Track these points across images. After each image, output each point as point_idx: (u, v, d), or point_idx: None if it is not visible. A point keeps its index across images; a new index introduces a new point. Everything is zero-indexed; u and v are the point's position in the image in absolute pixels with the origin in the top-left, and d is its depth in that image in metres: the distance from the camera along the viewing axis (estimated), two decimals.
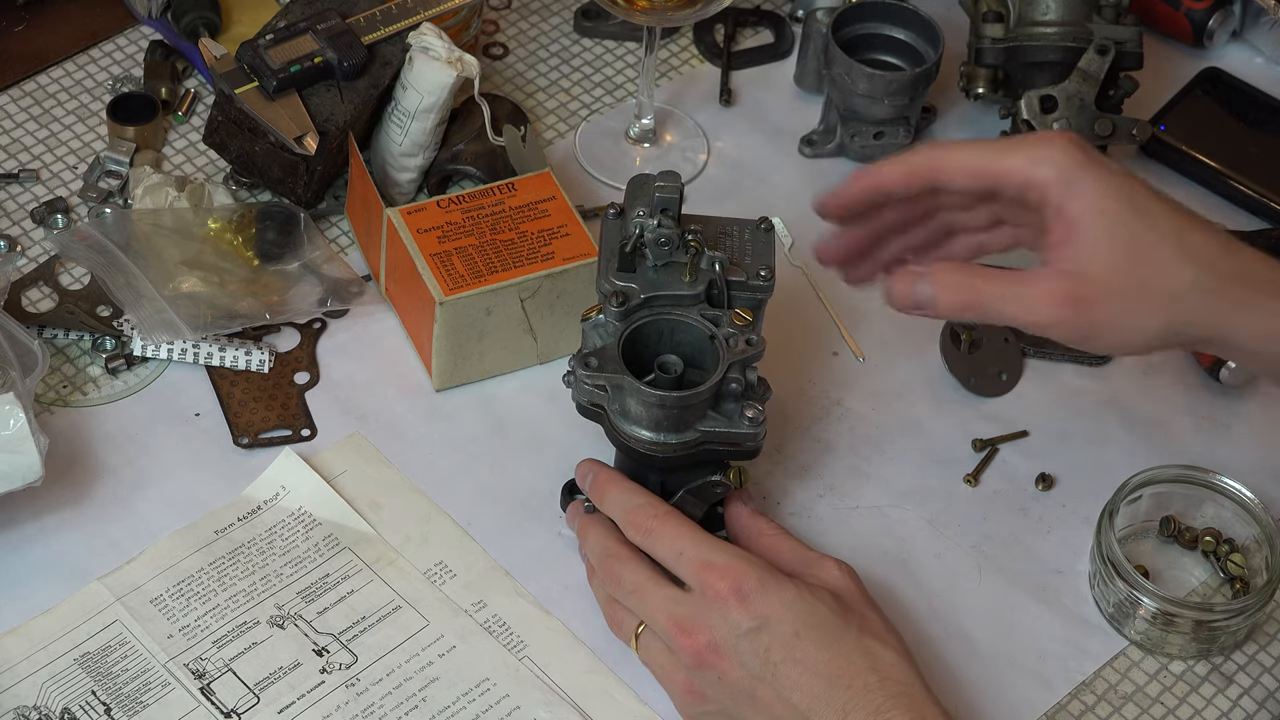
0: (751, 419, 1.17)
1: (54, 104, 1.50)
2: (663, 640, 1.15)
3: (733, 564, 1.12)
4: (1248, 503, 1.27)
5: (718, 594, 1.12)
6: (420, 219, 1.33)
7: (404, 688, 1.19)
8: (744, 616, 1.11)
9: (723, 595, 1.12)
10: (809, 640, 1.11)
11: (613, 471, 1.21)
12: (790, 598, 1.12)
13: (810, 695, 1.10)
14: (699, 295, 1.20)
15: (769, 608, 1.11)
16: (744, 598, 1.11)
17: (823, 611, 1.12)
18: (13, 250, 1.40)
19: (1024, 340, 1.40)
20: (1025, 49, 1.47)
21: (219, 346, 1.33)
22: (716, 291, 1.20)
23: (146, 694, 1.18)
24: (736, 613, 1.11)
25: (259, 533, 1.26)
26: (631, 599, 1.16)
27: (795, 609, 1.11)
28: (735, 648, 1.11)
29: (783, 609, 1.11)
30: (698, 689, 1.14)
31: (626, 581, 1.16)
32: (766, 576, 1.12)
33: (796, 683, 1.10)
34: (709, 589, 1.12)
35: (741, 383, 1.17)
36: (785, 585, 1.12)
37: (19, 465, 1.20)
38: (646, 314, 1.20)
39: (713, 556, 1.13)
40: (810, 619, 1.11)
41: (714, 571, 1.12)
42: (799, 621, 1.11)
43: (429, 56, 1.37)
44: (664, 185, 1.19)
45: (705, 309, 1.20)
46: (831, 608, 1.12)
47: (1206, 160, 1.52)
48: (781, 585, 1.12)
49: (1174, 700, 1.24)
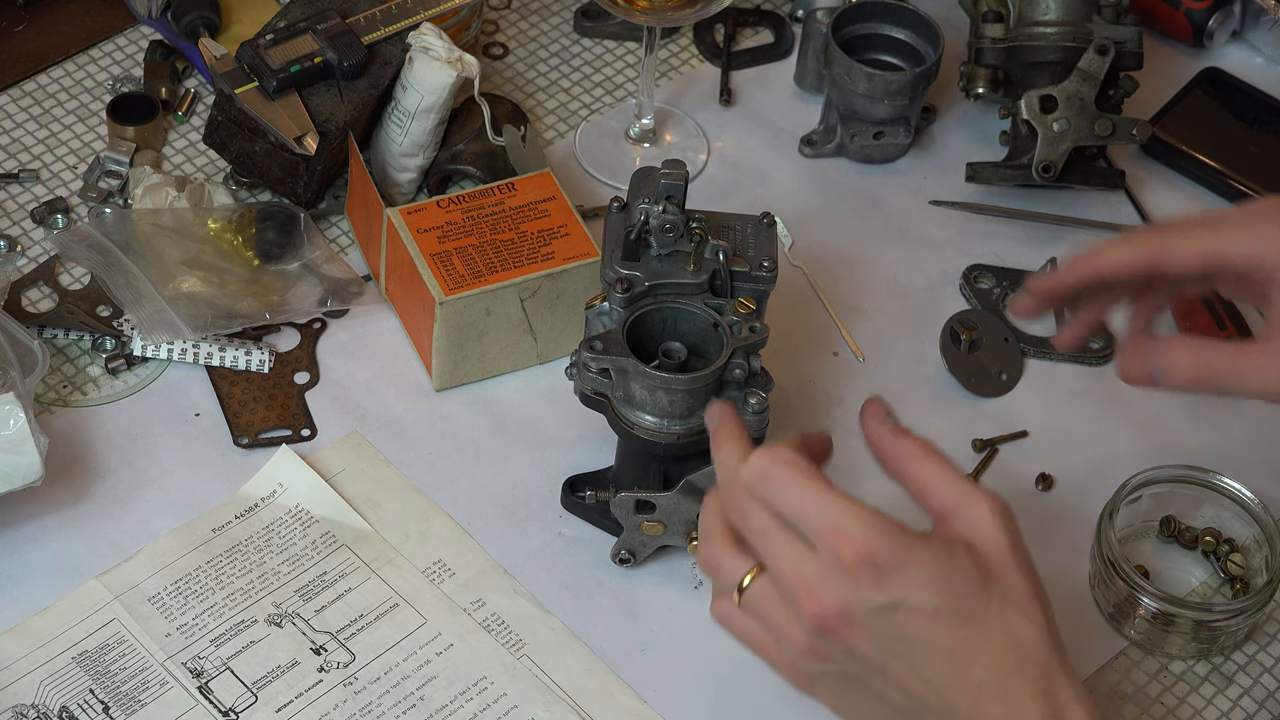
0: (755, 407, 1.17)
1: (54, 104, 1.50)
2: (782, 594, 1.05)
3: (867, 534, 1.02)
4: (1248, 503, 1.27)
5: (849, 565, 1.02)
6: (420, 219, 1.33)
7: (402, 686, 1.19)
8: (878, 593, 1.02)
9: (854, 568, 1.02)
10: (947, 618, 1.03)
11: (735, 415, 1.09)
12: (929, 573, 1.03)
13: (945, 674, 1.03)
14: (703, 284, 1.20)
15: (905, 584, 1.02)
16: (879, 572, 1.02)
17: (963, 585, 1.03)
18: (13, 250, 1.40)
19: (1024, 340, 1.40)
20: (1025, 49, 1.47)
21: (219, 346, 1.33)
22: (720, 281, 1.20)
23: (145, 692, 1.18)
24: (870, 588, 1.02)
25: (256, 530, 1.26)
26: (758, 539, 1.05)
27: (935, 584, 1.03)
28: (868, 622, 1.03)
29: (920, 585, 1.02)
30: (820, 651, 1.05)
31: (754, 520, 1.05)
32: (901, 546, 1.03)
33: (931, 661, 1.03)
34: (840, 558, 1.02)
35: (745, 369, 1.18)
36: (923, 557, 1.03)
37: (19, 465, 1.20)
38: (651, 302, 1.20)
39: (843, 522, 1.02)
40: (950, 593, 1.03)
41: (844, 540, 1.02)
42: (938, 598, 1.03)
43: (429, 56, 1.37)
44: (669, 173, 1.19)
45: (709, 298, 1.20)
46: (973, 578, 1.04)
47: (1206, 160, 1.52)
48: (919, 558, 1.03)
49: (1174, 700, 1.24)
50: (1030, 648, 1.04)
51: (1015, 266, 1.45)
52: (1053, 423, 1.37)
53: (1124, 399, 1.38)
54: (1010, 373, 1.38)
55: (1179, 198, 1.52)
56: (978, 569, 1.03)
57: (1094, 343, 1.40)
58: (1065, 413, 1.37)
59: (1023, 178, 1.46)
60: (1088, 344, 1.40)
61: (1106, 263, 1.16)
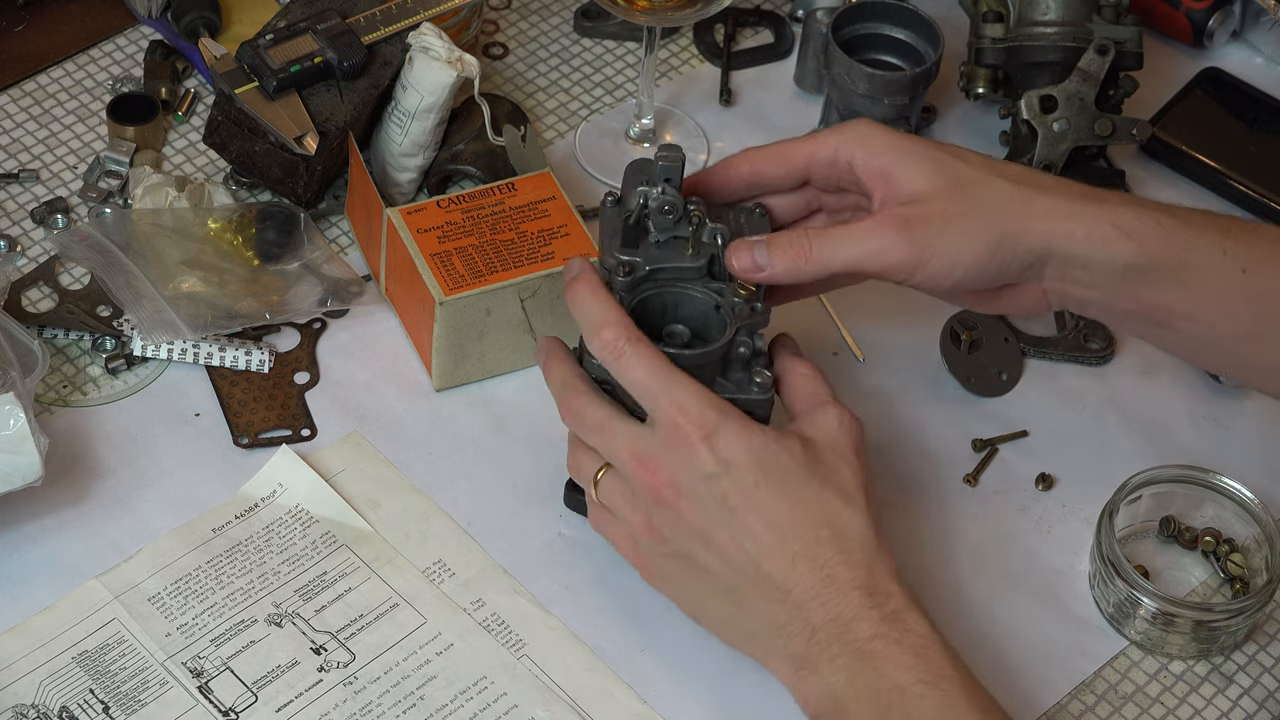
0: (760, 384, 1.17)
1: (54, 104, 1.50)
2: (624, 479, 1.16)
3: (703, 409, 1.13)
4: (1248, 503, 1.27)
5: (684, 437, 1.13)
6: (420, 219, 1.33)
7: (402, 686, 1.19)
8: (707, 461, 1.12)
9: (689, 438, 1.13)
10: (768, 489, 1.12)
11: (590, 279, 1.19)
12: (756, 445, 1.13)
13: (762, 542, 1.12)
14: (701, 268, 1.20)
15: (732, 454, 1.12)
16: (710, 442, 1.12)
17: (786, 462, 1.13)
18: (13, 250, 1.40)
19: (1024, 340, 1.40)
20: (1025, 49, 1.47)
21: (219, 346, 1.33)
22: (718, 265, 1.20)
23: (145, 692, 1.18)
24: (700, 457, 1.12)
25: (256, 530, 1.26)
26: (594, 436, 1.17)
27: (760, 457, 1.12)
28: (695, 490, 1.13)
29: (746, 456, 1.12)
30: (656, 529, 1.15)
31: (589, 418, 1.17)
32: (734, 423, 1.13)
33: (751, 529, 1.12)
34: (676, 431, 1.13)
35: (750, 347, 1.17)
36: (753, 433, 1.13)
37: (19, 465, 1.20)
38: (652, 286, 1.20)
39: (684, 399, 1.13)
40: (773, 468, 1.13)
41: (683, 414, 1.13)
42: (761, 470, 1.12)
43: (429, 56, 1.37)
44: (666, 155, 1.20)
45: (709, 282, 1.20)
46: (797, 458, 1.13)
47: (1206, 160, 1.52)
48: (749, 433, 1.13)
49: (1174, 700, 1.24)
50: (847, 524, 1.13)
51: None
52: (1053, 423, 1.37)
53: (1124, 399, 1.38)
54: (1010, 373, 1.38)
55: (1179, 198, 1.52)
56: (806, 455, 1.14)
57: (1094, 343, 1.40)
58: (1065, 413, 1.37)
59: None
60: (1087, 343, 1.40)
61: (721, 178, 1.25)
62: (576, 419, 1.18)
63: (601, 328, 1.16)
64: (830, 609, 1.10)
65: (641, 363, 1.14)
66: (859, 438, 1.17)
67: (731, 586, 1.14)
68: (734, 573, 1.13)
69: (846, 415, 1.17)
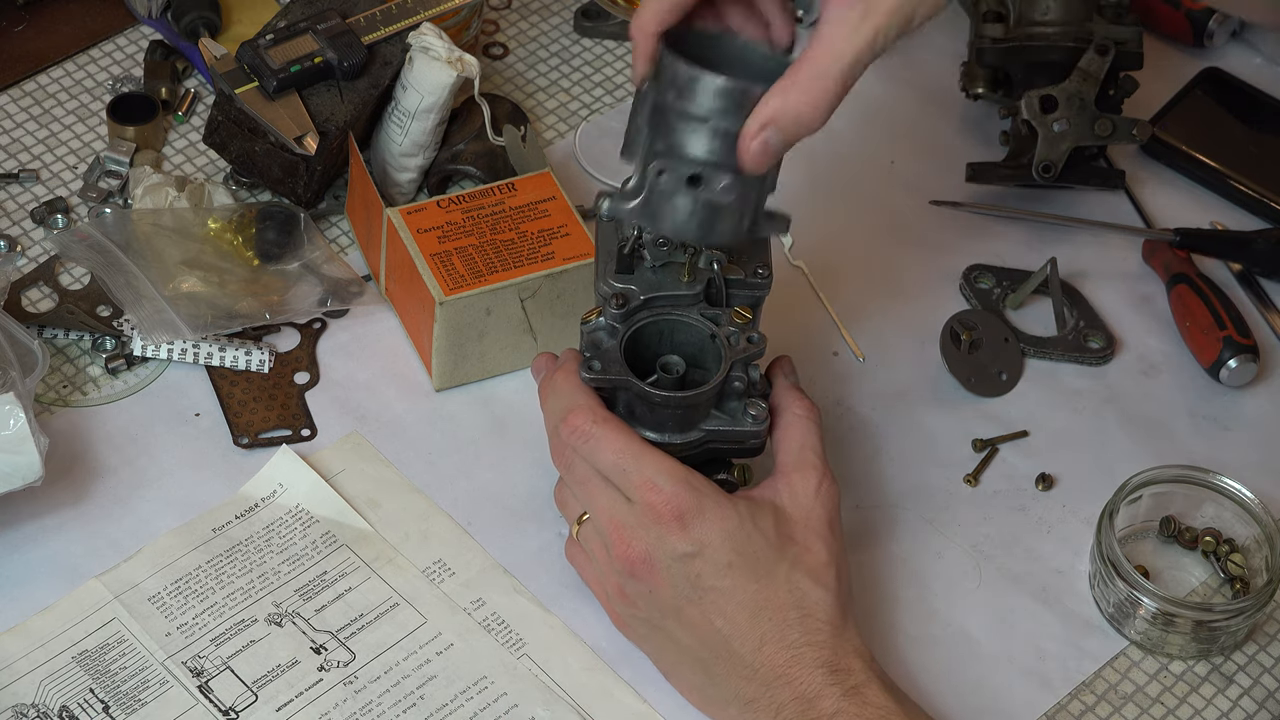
0: (755, 417, 1.17)
1: (54, 104, 1.50)
2: (601, 537, 1.17)
3: (676, 489, 1.14)
4: (1248, 503, 1.27)
5: (658, 516, 1.14)
6: (420, 219, 1.33)
7: (402, 685, 1.19)
8: (680, 541, 1.14)
9: (663, 518, 1.14)
10: (740, 570, 1.14)
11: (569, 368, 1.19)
12: (730, 527, 1.14)
13: (733, 622, 1.14)
14: (698, 294, 1.20)
15: (706, 535, 1.14)
16: (683, 523, 1.14)
17: (759, 543, 1.15)
18: (13, 250, 1.40)
19: (1024, 340, 1.40)
20: (1025, 49, 1.47)
21: (219, 346, 1.33)
22: (715, 290, 1.20)
23: (145, 692, 1.18)
24: (674, 537, 1.14)
25: (256, 530, 1.26)
26: (579, 489, 1.18)
27: (733, 538, 1.14)
28: (668, 569, 1.15)
29: (720, 538, 1.14)
30: (629, 595, 1.17)
31: (576, 470, 1.18)
32: (709, 503, 1.14)
33: (722, 609, 1.14)
34: (650, 510, 1.14)
35: (745, 381, 1.17)
36: (727, 514, 1.14)
37: (19, 465, 1.20)
38: (647, 315, 1.20)
39: (657, 478, 1.14)
40: (745, 548, 1.14)
41: (657, 493, 1.14)
42: (734, 551, 1.14)
43: (429, 56, 1.37)
44: None
45: (705, 308, 1.20)
46: (769, 539, 1.15)
47: (1206, 160, 1.52)
48: (723, 514, 1.14)
49: (1174, 700, 1.24)
50: (815, 605, 1.15)
51: (1015, 266, 1.45)
52: (1053, 423, 1.37)
53: (1124, 399, 1.38)
54: (1010, 373, 1.38)
55: (1179, 197, 1.52)
56: (777, 532, 1.16)
57: (1094, 342, 1.40)
58: (1065, 413, 1.37)
59: (1023, 178, 1.46)
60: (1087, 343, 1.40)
61: None
62: (565, 468, 1.19)
63: (568, 413, 1.17)
64: (795, 688, 1.12)
65: (609, 444, 1.15)
66: (833, 506, 1.18)
67: (702, 659, 1.16)
68: (704, 647, 1.16)
69: (825, 481, 1.18)
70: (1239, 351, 1.37)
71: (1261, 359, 1.38)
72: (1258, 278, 1.46)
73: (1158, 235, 1.46)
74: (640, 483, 1.14)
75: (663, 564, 1.15)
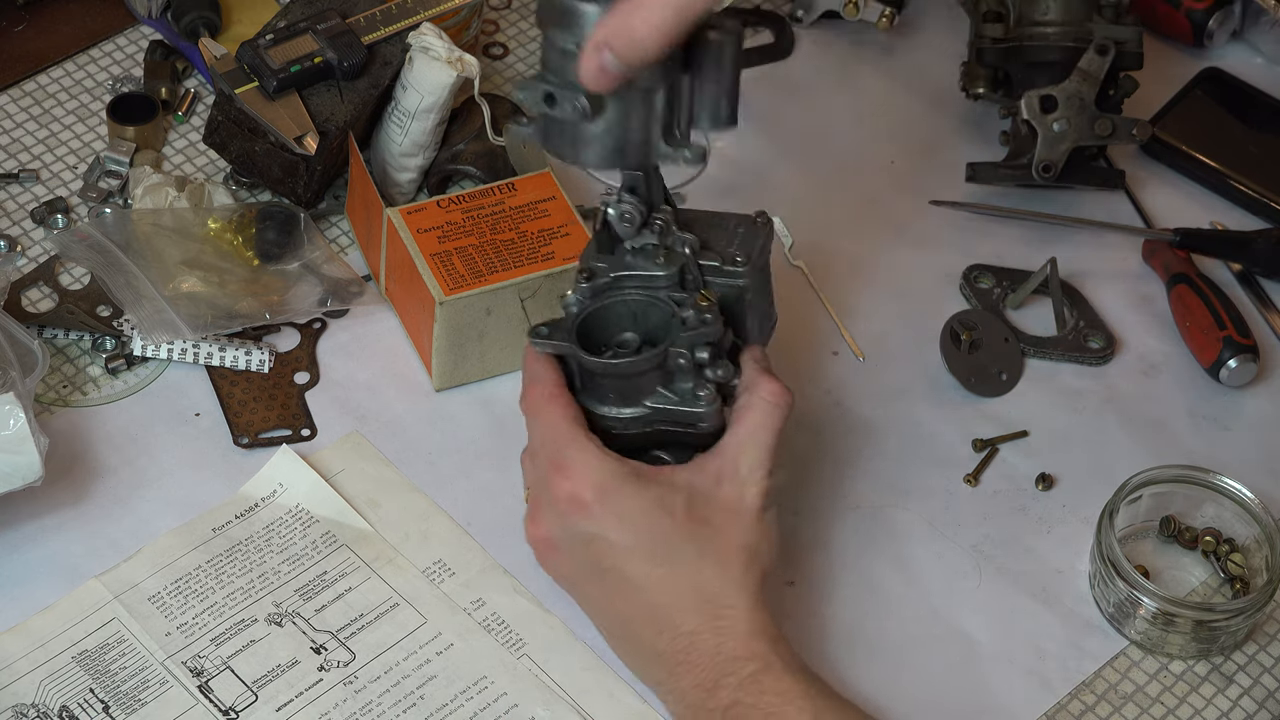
0: (703, 398, 1.16)
1: (54, 104, 1.50)
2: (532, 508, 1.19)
3: (582, 471, 1.14)
4: (1248, 503, 1.27)
5: (557, 496, 1.14)
6: (420, 219, 1.33)
7: (402, 685, 1.19)
8: (580, 522, 1.14)
9: (560, 499, 1.14)
10: (640, 555, 1.13)
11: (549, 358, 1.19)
12: (632, 509, 1.13)
13: (633, 605, 1.14)
14: (671, 276, 1.19)
15: (604, 520, 1.13)
16: (582, 506, 1.13)
17: (665, 526, 1.13)
18: (13, 250, 1.40)
19: (1024, 340, 1.40)
20: (1025, 49, 1.47)
21: (219, 346, 1.33)
22: (691, 276, 1.20)
23: (145, 692, 1.18)
24: (572, 518, 1.14)
25: (256, 530, 1.26)
26: (527, 460, 1.20)
27: (635, 523, 1.13)
28: (570, 549, 1.15)
29: (619, 522, 1.13)
30: (545, 568, 1.19)
31: (529, 442, 1.19)
32: (611, 487, 1.13)
33: (621, 591, 1.14)
34: (552, 488, 1.15)
35: (689, 359, 1.16)
36: (631, 498, 1.13)
37: (19, 465, 1.20)
38: (614, 293, 1.20)
39: (563, 458, 1.14)
40: (649, 533, 1.13)
41: (560, 473, 1.14)
42: (636, 535, 1.13)
43: (429, 56, 1.37)
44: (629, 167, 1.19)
45: (675, 291, 1.20)
46: (677, 522, 1.13)
47: (1206, 160, 1.52)
48: (627, 498, 1.13)
49: (1174, 700, 1.24)
50: (718, 593, 1.13)
51: (1015, 266, 1.45)
52: (1053, 423, 1.37)
53: (1124, 399, 1.38)
54: (1010, 373, 1.38)
55: (1179, 197, 1.52)
56: (688, 515, 1.14)
57: (1094, 342, 1.40)
58: (1065, 413, 1.37)
59: (1023, 178, 1.46)
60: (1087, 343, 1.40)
61: None
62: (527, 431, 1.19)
63: (527, 386, 1.18)
64: (695, 675, 1.12)
65: (545, 421, 1.16)
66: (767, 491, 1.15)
67: (615, 635, 1.17)
68: (613, 625, 1.16)
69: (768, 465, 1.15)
70: (1239, 351, 1.37)
71: (1261, 359, 1.38)
72: (1258, 278, 1.46)
73: (1158, 235, 1.46)
74: (555, 463, 1.14)
75: (563, 544, 1.15)
